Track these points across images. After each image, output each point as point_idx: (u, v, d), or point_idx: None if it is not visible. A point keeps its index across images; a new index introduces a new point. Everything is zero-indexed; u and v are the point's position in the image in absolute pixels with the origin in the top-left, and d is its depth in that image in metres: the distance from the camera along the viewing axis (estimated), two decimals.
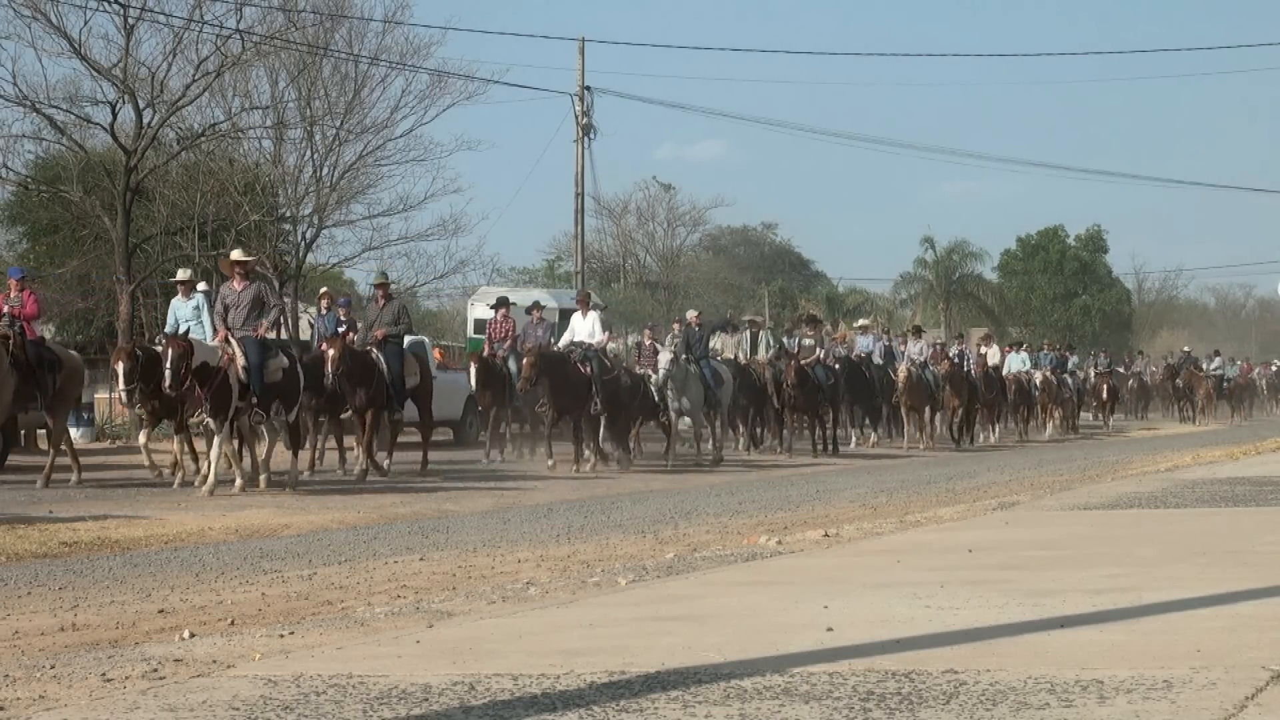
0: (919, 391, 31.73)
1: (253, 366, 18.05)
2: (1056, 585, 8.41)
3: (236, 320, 18.37)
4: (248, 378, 18.01)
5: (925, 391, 32.03)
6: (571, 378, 23.25)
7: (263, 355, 18.25)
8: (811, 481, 21.62)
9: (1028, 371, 38.57)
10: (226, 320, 18.36)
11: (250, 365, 18.03)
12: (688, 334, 26.81)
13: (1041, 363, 40.21)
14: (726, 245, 70.67)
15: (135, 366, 18.40)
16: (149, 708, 5.73)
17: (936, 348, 36.10)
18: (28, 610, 9.37)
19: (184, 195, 34.27)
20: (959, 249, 68.21)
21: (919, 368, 32.11)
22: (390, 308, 21.60)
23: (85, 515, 15.00)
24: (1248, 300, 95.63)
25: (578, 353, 23.74)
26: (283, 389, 18.60)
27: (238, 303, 18.49)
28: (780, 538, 12.19)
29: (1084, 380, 45.46)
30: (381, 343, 21.14)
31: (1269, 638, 6.51)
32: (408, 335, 22.46)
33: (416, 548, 12.69)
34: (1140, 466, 23.03)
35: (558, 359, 23.49)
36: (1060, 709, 5.25)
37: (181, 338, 17.99)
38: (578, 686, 5.85)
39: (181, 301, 19.64)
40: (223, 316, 18.42)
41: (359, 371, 20.71)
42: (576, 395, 23.24)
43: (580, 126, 46.15)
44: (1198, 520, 12.84)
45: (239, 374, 17.99)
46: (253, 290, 18.72)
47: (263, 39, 34.18)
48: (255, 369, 18.07)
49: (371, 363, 20.97)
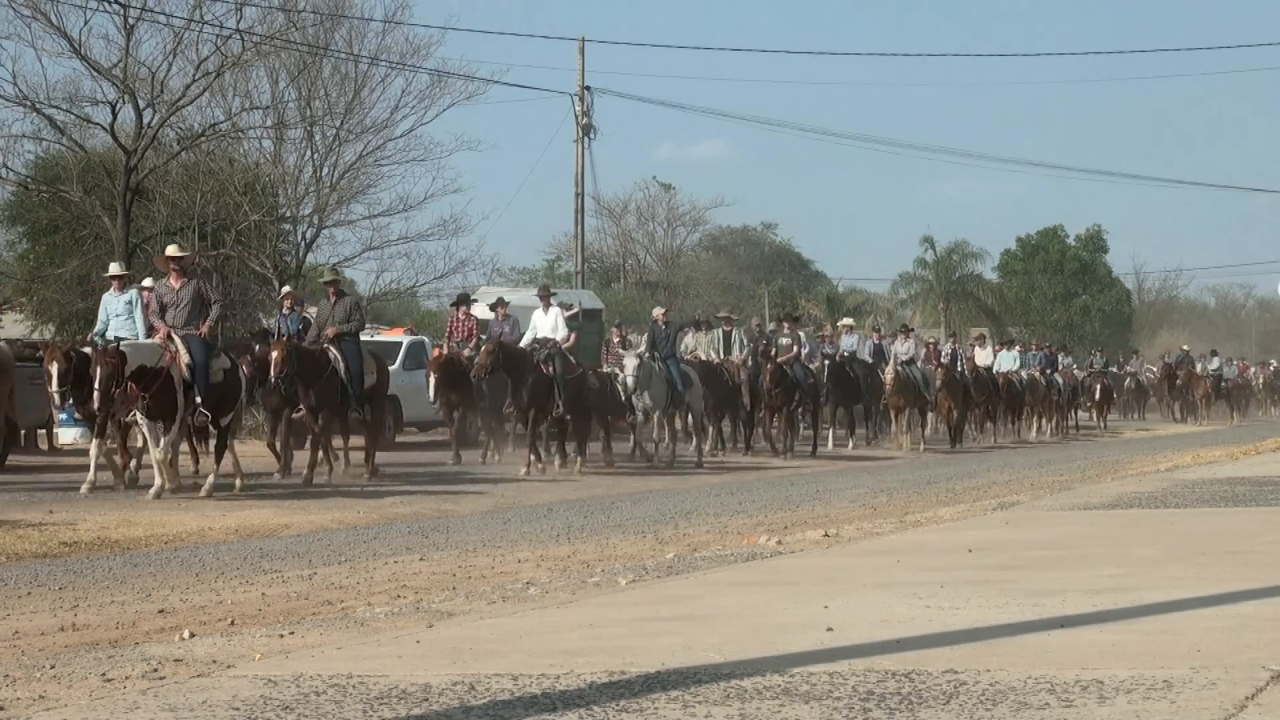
0: (906, 391, 31.09)
1: (198, 366, 17.37)
2: (1056, 585, 8.41)
3: (178, 319, 17.58)
4: (192, 377, 17.31)
5: (913, 391, 31.37)
6: (533, 377, 22.45)
7: (207, 354, 17.60)
8: (811, 481, 21.62)
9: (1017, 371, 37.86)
10: (165, 318, 17.60)
11: (195, 365, 17.35)
12: (653, 332, 26.12)
13: (1030, 363, 39.42)
14: (726, 245, 70.67)
15: (69, 369, 17.52)
16: (149, 708, 5.73)
17: (930, 347, 35.69)
18: (28, 610, 9.37)
19: (184, 195, 34.27)
20: (959, 249, 68.18)
21: (907, 366, 31.48)
22: (342, 305, 20.81)
23: (85, 515, 15.00)
24: (1248, 300, 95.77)
25: (540, 351, 22.88)
26: (224, 390, 17.95)
27: (177, 301, 17.70)
28: (780, 538, 12.19)
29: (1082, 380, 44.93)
30: (338, 341, 20.34)
31: (1269, 638, 6.51)
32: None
33: (416, 548, 12.69)
34: (1140, 466, 23.03)
35: (519, 356, 22.70)
36: (1060, 709, 5.25)
37: (113, 351, 17.04)
38: (578, 686, 5.85)
39: (114, 296, 18.62)
40: (160, 314, 17.67)
41: (311, 371, 19.96)
42: (539, 395, 22.39)
43: (580, 126, 46.17)
44: (1198, 520, 12.84)
45: (183, 374, 17.27)
46: (192, 287, 17.90)
47: (263, 39, 34.20)
48: (200, 368, 17.39)
49: (326, 362, 20.18)
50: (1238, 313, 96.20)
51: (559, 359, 22.76)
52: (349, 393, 20.28)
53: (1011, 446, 34.65)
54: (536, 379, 22.48)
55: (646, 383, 24.52)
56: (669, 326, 26.36)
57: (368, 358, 21.05)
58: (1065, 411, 41.66)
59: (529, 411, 22.35)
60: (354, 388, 20.30)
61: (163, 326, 17.54)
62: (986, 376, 35.57)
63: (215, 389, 17.71)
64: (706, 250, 67.56)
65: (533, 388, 22.36)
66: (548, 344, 22.94)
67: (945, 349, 35.75)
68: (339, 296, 21.04)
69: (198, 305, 17.72)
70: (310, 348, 20.37)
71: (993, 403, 36.00)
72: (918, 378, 31.67)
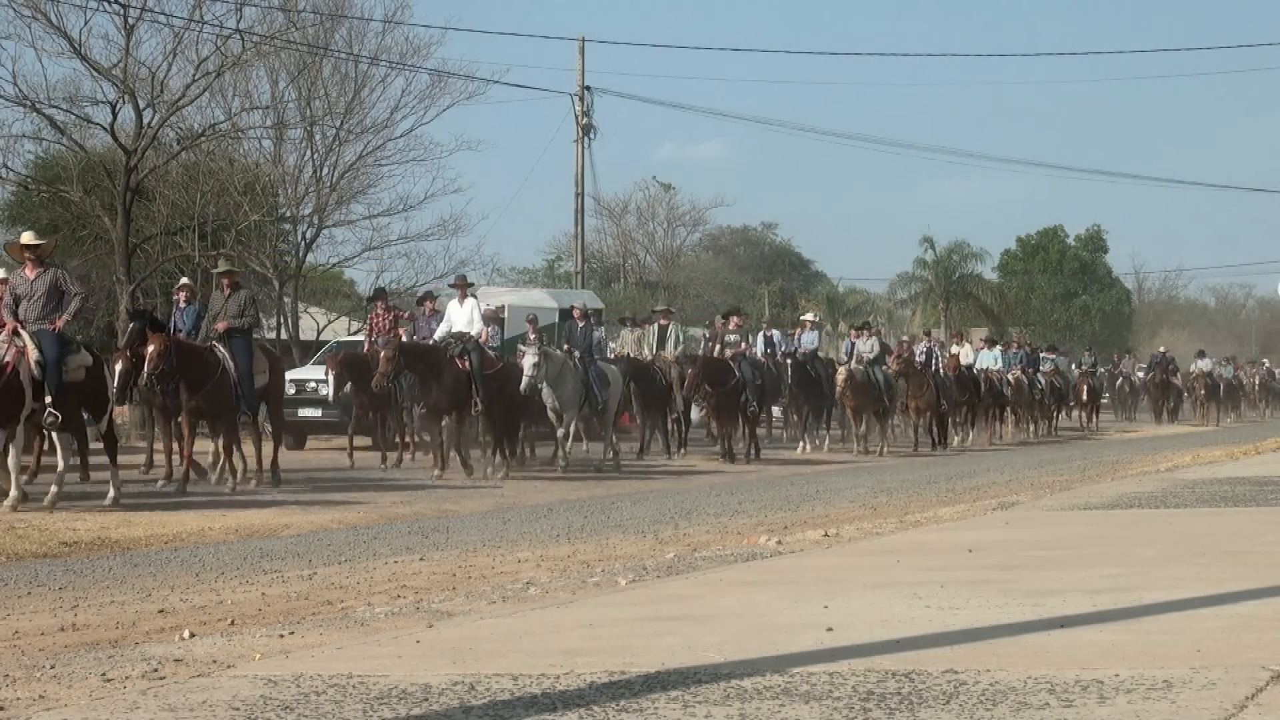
0: (863, 392, 29.37)
1: (49, 362, 15.87)
2: (1056, 585, 8.41)
3: (30, 313, 16.17)
4: (42, 375, 15.82)
5: (870, 392, 29.63)
6: (448, 373, 21.01)
7: (61, 350, 16.09)
8: (811, 481, 21.63)
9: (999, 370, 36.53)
10: (18, 312, 16.18)
11: (46, 361, 15.85)
12: (570, 329, 24.72)
13: (1011, 361, 38.01)
14: (726, 245, 70.69)
15: None
16: (149, 708, 5.73)
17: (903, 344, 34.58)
18: (28, 610, 9.37)
19: (184, 195, 34.29)
20: (959, 249, 68.17)
21: (865, 366, 29.85)
22: (235, 298, 19.29)
23: (85, 515, 15.00)
24: (1248, 300, 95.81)
25: (455, 346, 21.37)
26: (86, 390, 16.51)
27: (30, 292, 16.31)
28: (780, 538, 12.19)
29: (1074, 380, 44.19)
30: (228, 337, 18.96)
31: (1269, 638, 6.51)
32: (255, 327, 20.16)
33: (416, 548, 12.69)
34: (1140, 466, 23.02)
35: (430, 352, 21.33)
36: (1060, 709, 5.25)
37: None
38: (578, 686, 5.85)
39: None
40: (12, 309, 16.27)
41: (195, 369, 18.55)
42: (455, 393, 21.00)
43: (580, 126, 46.16)
44: (1198, 520, 12.84)
45: (31, 371, 15.77)
46: (48, 278, 16.44)
47: (263, 39, 34.21)
48: (53, 365, 15.90)
49: (214, 360, 18.74)
50: (1238, 313, 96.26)
51: (476, 354, 21.37)
52: (239, 394, 18.88)
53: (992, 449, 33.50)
54: (452, 376, 21.08)
55: (556, 382, 22.83)
56: (586, 323, 24.60)
57: (260, 356, 19.63)
58: (1047, 412, 40.20)
59: (444, 411, 21.12)
60: (243, 388, 18.89)
61: (10, 321, 16.11)
62: (969, 375, 34.36)
63: (78, 388, 16.34)
64: (706, 250, 67.57)
65: (448, 385, 20.99)
66: (464, 338, 21.56)
67: (920, 348, 34.01)
68: (233, 289, 19.55)
69: (54, 298, 16.35)
70: (194, 344, 19.05)
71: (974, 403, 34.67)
72: (878, 379, 30.02)
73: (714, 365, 26.17)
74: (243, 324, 19.21)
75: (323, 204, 36.07)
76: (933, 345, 34.88)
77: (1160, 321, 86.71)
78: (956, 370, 33.78)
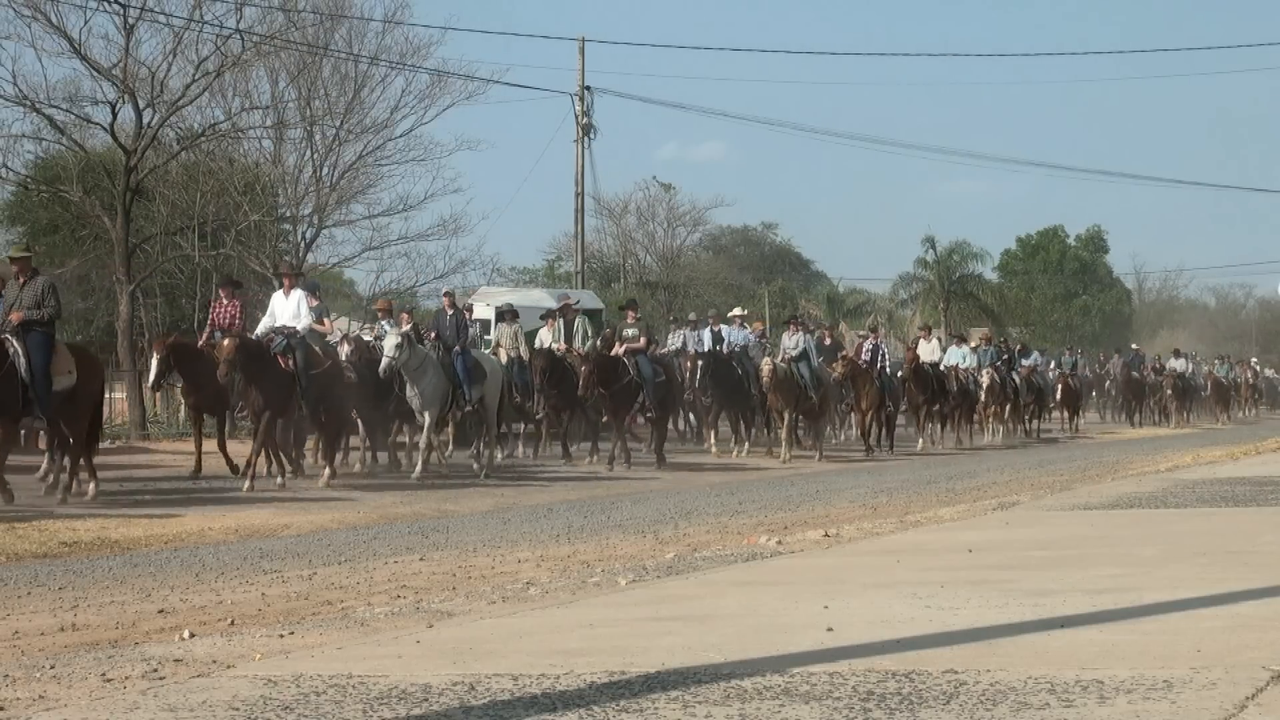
0: (786, 390, 26.89)
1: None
2: (1057, 585, 8.41)
3: None
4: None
5: (794, 390, 27.13)
6: (271, 371, 19.35)
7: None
8: (811, 481, 21.63)
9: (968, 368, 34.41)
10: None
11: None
12: (438, 318, 23.01)
13: (983, 359, 35.70)
14: (726, 245, 70.66)
15: None
16: (149, 708, 5.73)
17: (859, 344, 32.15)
18: (28, 610, 9.37)
19: (184, 195, 34.27)
20: (959, 249, 68.13)
21: (790, 363, 27.41)
22: (32, 286, 17.21)
23: (85, 515, 15.00)
24: (1248, 300, 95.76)
25: (278, 341, 19.68)
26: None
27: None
28: (780, 538, 12.19)
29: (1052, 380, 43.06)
30: (22, 330, 16.94)
31: (1269, 638, 6.51)
32: None
33: (416, 548, 12.69)
34: (1140, 466, 23.03)
35: (253, 348, 19.42)
36: (1060, 709, 5.25)
37: None
38: (578, 686, 5.84)
39: None
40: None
41: None
42: (277, 393, 19.36)
43: (580, 126, 46.16)
44: (1198, 520, 12.84)
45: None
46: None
47: (263, 39, 34.19)
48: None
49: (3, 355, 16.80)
50: (1238, 313, 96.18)
51: (300, 350, 19.69)
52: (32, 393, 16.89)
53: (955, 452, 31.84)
54: (274, 374, 19.43)
55: (417, 375, 21.23)
56: (457, 313, 22.92)
57: (63, 354, 17.45)
58: (1022, 412, 38.25)
59: (263, 413, 19.31)
60: (37, 389, 16.85)
61: None
62: (930, 373, 32.24)
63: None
64: (706, 250, 67.52)
65: (268, 384, 19.32)
66: (286, 332, 19.83)
67: (866, 346, 31.41)
68: (30, 277, 17.44)
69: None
70: None
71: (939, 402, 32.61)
72: (803, 376, 27.46)
73: (606, 364, 24.42)
74: (40, 315, 17.10)
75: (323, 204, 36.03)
76: (880, 343, 32.28)
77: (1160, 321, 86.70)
78: (914, 365, 31.99)
